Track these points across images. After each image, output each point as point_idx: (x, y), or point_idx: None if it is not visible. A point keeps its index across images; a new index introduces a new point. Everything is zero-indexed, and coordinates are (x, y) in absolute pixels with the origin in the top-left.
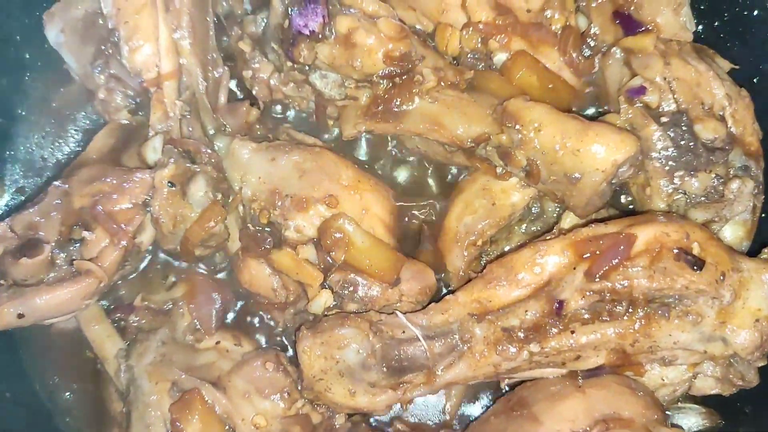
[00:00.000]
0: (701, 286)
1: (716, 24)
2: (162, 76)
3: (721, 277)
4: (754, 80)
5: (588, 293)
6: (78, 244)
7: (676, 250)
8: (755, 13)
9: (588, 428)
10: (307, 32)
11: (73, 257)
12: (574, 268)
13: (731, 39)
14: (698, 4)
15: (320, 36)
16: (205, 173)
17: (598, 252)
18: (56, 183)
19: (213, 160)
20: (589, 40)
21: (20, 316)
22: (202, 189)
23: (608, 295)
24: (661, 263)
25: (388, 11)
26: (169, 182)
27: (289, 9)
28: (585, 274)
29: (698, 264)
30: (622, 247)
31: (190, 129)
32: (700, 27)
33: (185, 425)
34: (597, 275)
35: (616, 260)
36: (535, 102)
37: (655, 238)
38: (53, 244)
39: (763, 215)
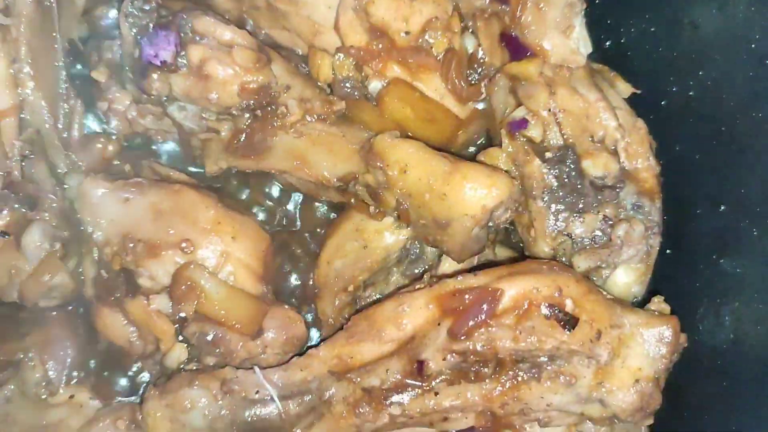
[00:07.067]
0: (573, 346)
1: (622, 41)
2: None
3: (597, 336)
4: (662, 103)
5: (450, 354)
6: None
7: (545, 308)
8: (658, 28)
9: None
10: (158, 62)
11: None
12: (438, 324)
13: (638, 57)
14: (605, 18)
15: (172, 67)
16: (42, 222)
17: (461, 308)
18: None
19: (55, 206)
20: (476, 65)
21: None
22: (36, 240)
23: (471, 356)
24: (529, 322)
25: (245, 38)
26: (1, 232)
27: (139, 37)
28: (448, 333)
29: (570, 322)
30: (485, 305)
31: (33, 170)
32: (608, 43)
33: None
34: (460, 334)
35: (479, 319)
36: (402, 140)
37: (524, 293)
38: None
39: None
